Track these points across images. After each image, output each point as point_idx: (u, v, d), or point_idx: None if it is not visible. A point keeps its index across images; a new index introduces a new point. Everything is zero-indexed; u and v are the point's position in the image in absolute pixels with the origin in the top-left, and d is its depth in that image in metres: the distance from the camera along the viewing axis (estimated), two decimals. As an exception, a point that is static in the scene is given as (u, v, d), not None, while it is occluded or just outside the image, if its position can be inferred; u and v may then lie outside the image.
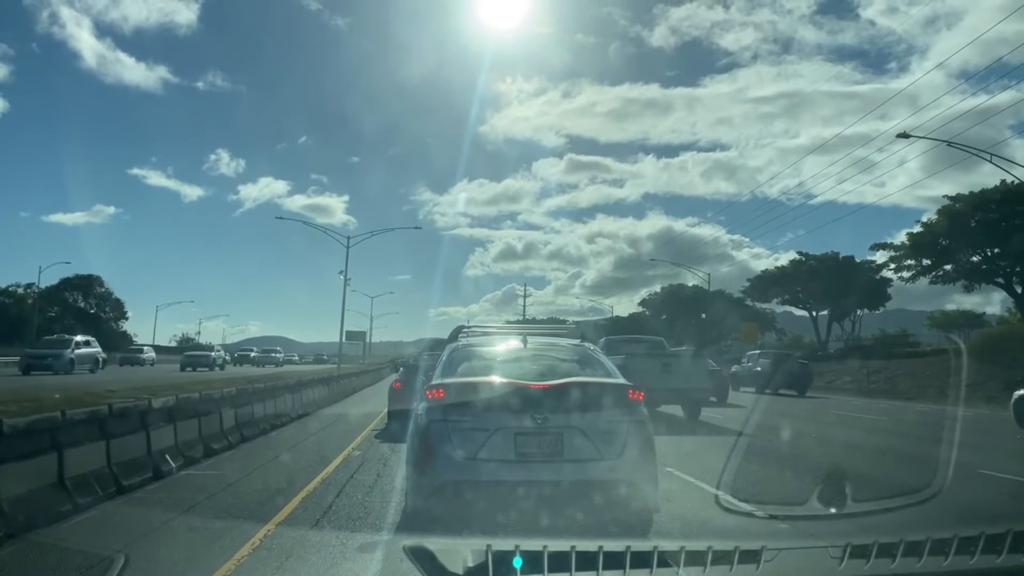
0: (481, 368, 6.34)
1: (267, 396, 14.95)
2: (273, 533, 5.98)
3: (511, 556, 2.97)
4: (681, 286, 75.16)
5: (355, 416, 17.97)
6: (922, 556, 3.15)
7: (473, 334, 7.65)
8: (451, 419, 5.57)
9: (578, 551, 2.95)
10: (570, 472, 5.45)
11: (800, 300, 59.84)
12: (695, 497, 7.82)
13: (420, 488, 5.64)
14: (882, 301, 56.15)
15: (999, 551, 3.22)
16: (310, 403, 19.04)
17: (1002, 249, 39.40)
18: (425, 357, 17.45)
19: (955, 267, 43.11)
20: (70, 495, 6.59)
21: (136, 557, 5.13)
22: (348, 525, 6.36)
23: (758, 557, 3.13)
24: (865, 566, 3.08)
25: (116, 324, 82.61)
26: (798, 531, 6.00)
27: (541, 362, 6.44)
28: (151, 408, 8.85)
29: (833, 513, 5.65)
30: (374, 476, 8.91)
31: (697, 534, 6.07)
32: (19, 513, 5.81)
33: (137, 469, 7.99)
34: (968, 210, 40.04)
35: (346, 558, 5.43)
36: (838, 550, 3.16)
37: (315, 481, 8.46)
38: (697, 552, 3.23)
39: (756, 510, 6.68)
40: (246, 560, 5.17)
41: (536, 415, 5.50)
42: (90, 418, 7.43)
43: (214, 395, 11.45)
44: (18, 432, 6.18)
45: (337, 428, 15.46)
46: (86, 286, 79.73)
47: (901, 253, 46.24)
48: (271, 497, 7.53)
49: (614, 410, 5.72)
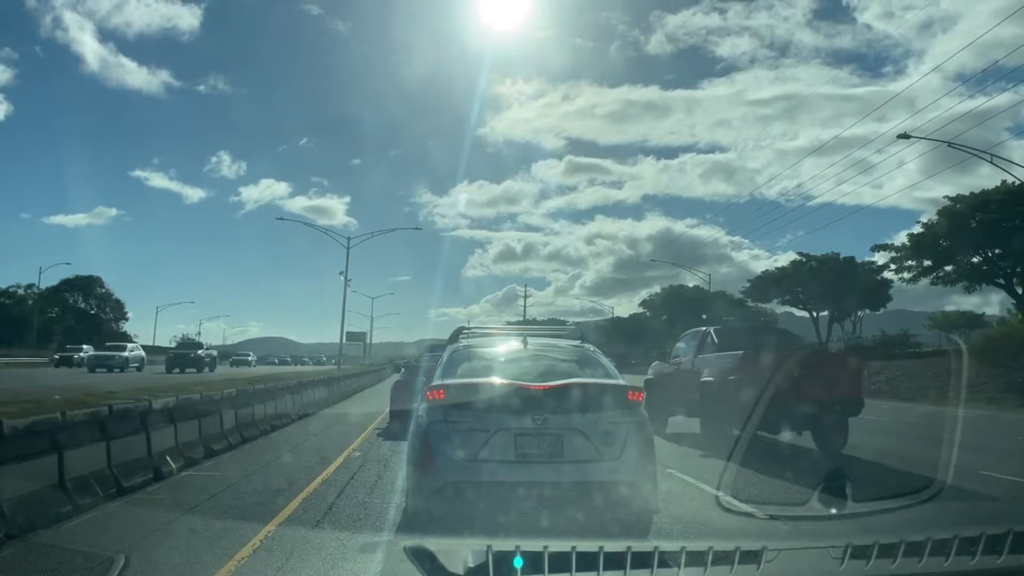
0: (481, 369, 6.34)
1: (267, 397, 14.96)
2: (274, 534, 5.97)
3: (511, 556, 2.97)
4: (681, 287, 75.28)
5: (355, 416, 17.98)
6: (923, 557, 3.15)
7: (473, 335, 7.65)
8: (451, 420, 5.56)
9: (578, 552, 2.95)
10: (570, 473, 5.44)
11: (801, 301, 59.85)
12: (696, 498, 7.82)
13: (421, 489, 5.64)
14: (883, 302, 56.16)
15: (1000, 551, 3.22)
16: (311, 404, 19.04)
17: (1003, 250, 39.36)
18: (426, 358, 17.47)
19: (956, 268, 43.07)
20: (71, 496, 6.59)
21: (136, 558, 5.13)
22: (349, 526, 6.36)
23: (759, 558, 3.13)
24: (866, 567, 3.08)
25: (116, 325, 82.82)
26: (799, 532, 6.01)
27: (541, 363, 6.45)
28: (151, 409, 8.85)
29: (834, 514, 5.64)
30: (375, 477, 8.91)
31: (698, 535, 6.06)
32: (20, 514, 5.81)
33: (137, 470, 7.99)
34: (968, 211, 40.01)
35: (347, 559, 5.43)
36: (839, 551, 3.16)
37: (316, 482, 8.46)
38: (698, 553, 3.23)
39: (756, 511, 6.68)
40: (247, 561, 5.16)
41: (536, 416, 5.49)
42: (90, 419, 7.43)
43: (214, 396, 11.45)
44: (18, 433, 6.18)
45: (337, 429, 15.46)
46: (86, 287, 79.82)
47: (902, 254, 46.20)
48: (271, 498, 7.52)
49: (614, 411, 5.71)
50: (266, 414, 14.40)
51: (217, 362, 43.55)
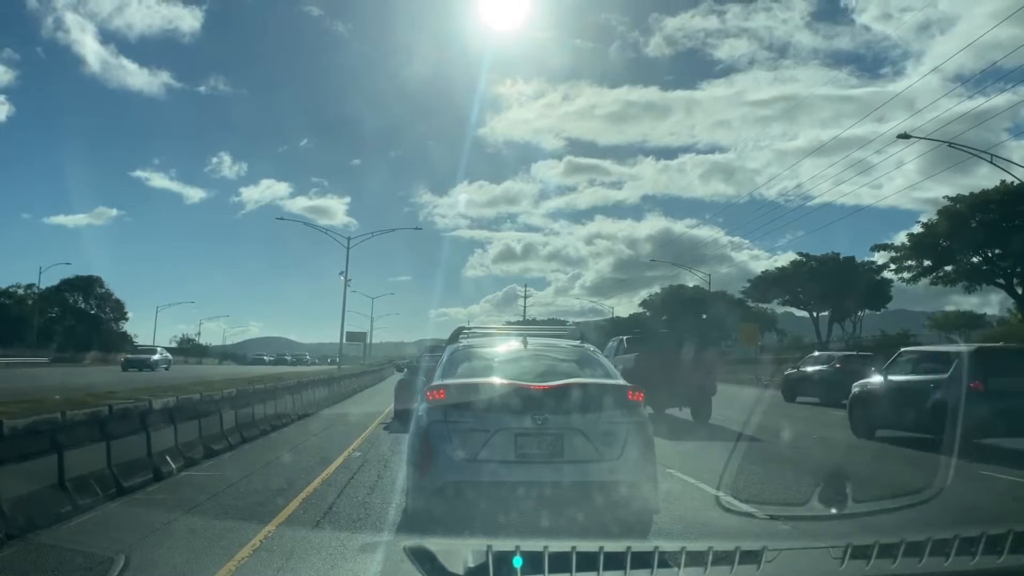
0: (481, 369, 6.35)
1: (267, 397, 14.96)
2: (274, 534, 5.97)
3: (511, 556, 2.96)
4: (681, 287, 75.15)
5: (356, 416, 17.96)
6: (923, 557, 3.14)
7: (473, 335, 7.67)
8: (451, 420, 5.57)
9: (579, 552, 2.95)
10: (570, 473, 5.46)
11: (801, 301, 59.83)
12: (696, 498, 7.82)
13: (421, 489, 5.66)
14: (883, 302, 56.11)
15: (1000, 551, 3.22)
16: (311, 404, 19.03)
17: (1003, 250, 39.34)
18: (426, 358, 17.59)
19: (956, 268, 43.05)
20: (70, 496, 6.59)
21: (136, 558, 5.12)
22: (349, 526, 6.36)
23: (759, 558, 3.13)
24: (866, 567, 3.08)
25: (116, 325, 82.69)
26: (799, 532, 6.00)
27: (541, 363, 6.47)
28: (151, 409, 8.85)
29: (834, 514, 5.65)
30: (375, 477, 8.91)
31: (698, 535, 6.06)
32: (20, 514, 5.81)
33: (137, 470, 7.99)
34: (968, 211, 39.97)
35: (347, 559, 5.43)
36: (839, 551, 3.15)
37: (316, 482, 8.46)
38: (698, 553, 3.23)
39: (757, 511, 6.68)
40: (247, 561, 5.16)
41: (536, 416, 5.50)
42: (90, 419, 7.43)
43: (214, 396, 11.45)
44: (18, 433, 6.18)
45: (338, 429, 15.45)
46: (86, 287, 79.68)
47: (902, 254, 46.18)
48: (271, 498, 7.52)
49: (614, 411, 5.71)
50: (266, 414, 14.40)
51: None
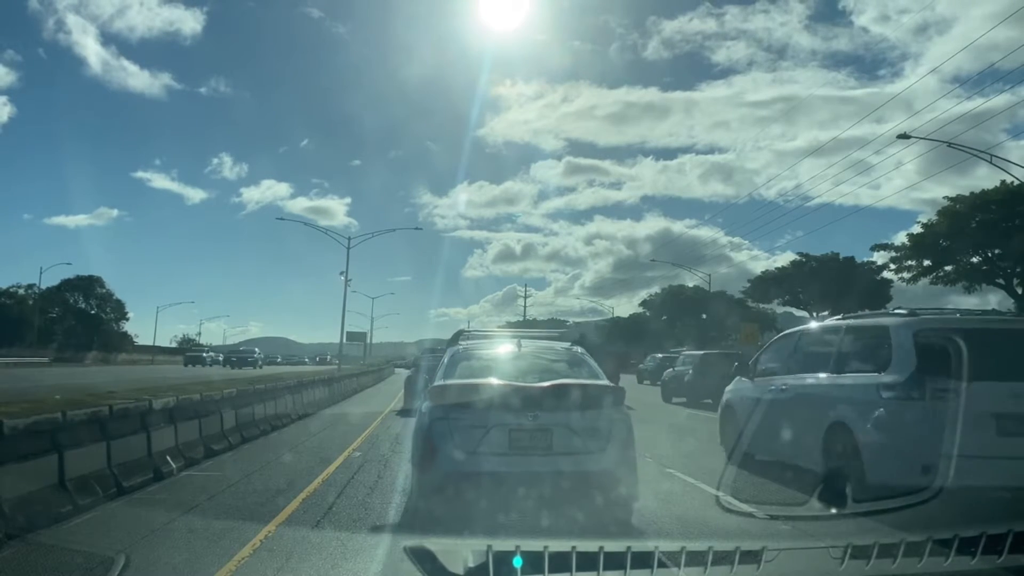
0: (479, 370, 6.89)
1: (268, 397, 14.95)
2: (274, 534, 5.97)
3: (511, 556, 2.97)
4: (681, 287, 75.18)
5: (356, 416, 17.95)
6: (922, 557, 3.15)
7: (473, 337, 8.23)
8: (452, 417, 6.12)
9: (579, 552, 2.95)
10: (559, 464, 6.03)
11: (801, 301, 59.79)
12: (696, 498, 7.82)
13: (424, 483, 6.16)
14: (883, 302, 55.95)
15: (1000, 551, 3.22)
16: (311, 404, 19.02)
17: (1002, 250, 39.35)
18: (426, 357, 17.82)
19: (955, 268, 43.05)
20: (71, 496, 6.59)
21: (137, 558, 5.12)
22: (349, 526, 6.36)
23: (759, 558, 3.13)
24: (866, 567, 3.08)
25: (116, 325, 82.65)
26: (799, 532, 6.01)
27: (534, 364, 7.13)
28: (151, 409, 8.84)
29: (834, 514, 5.66)
30: (375, 477, 8.91)
31: (698, 535, 6.06)
32: (20, 514, 5.80)
33: (138, 470, 7.99)
34: (968, 211, 39.99)
35: (347, 558, 5.43)
36: (839, 551, 3.16)
37: (316, 482, 8.45)
38: (698, 552, 3.24)
39: (756, 511, 6.68)
40: (247, 561, 5.16)
41: (529, 413, 6.08)
42: (91, 419, 7.42)
43: (215, 396, 11.44)
44: (19, 433, 6.18)
45: (338, 429, 15.44)
46: (87, 287, 79.62)
47: (901, 254, 46.20)
48: (272, 498, 7.52)
49: (599, 408, 6.33)
50: (266, 414, 14.39)
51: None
